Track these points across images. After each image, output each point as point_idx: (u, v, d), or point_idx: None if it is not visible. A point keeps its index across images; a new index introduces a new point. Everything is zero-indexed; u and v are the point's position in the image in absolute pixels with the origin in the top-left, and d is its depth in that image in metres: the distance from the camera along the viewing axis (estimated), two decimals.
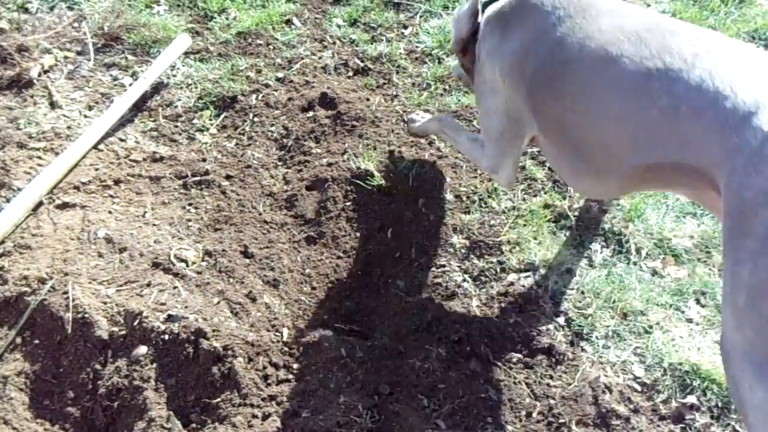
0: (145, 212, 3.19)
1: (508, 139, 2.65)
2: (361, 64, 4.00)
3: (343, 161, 3.40)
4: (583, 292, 2.90)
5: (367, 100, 3.75)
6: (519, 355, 2.69)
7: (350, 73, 3.97)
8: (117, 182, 3.29)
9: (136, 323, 2.64)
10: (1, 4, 4.18)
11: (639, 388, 2.64)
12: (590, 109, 2.18)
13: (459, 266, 3.02)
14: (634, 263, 3.02)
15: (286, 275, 3.04)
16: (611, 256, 3.06)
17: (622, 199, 3.22)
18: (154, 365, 2.58)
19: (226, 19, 4.28)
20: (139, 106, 3.72)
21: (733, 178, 1.78)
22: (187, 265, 2.95)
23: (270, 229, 3.21)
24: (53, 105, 3.64)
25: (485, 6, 2.70)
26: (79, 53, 4.00)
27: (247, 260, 3.05)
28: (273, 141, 3.60)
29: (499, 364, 2.67)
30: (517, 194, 3.28)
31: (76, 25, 4.15)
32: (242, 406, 2.47)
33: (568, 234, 3.13)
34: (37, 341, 2.68)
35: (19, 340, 2.68)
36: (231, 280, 2.94)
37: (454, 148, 3.34)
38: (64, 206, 3.11)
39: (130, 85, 3.77)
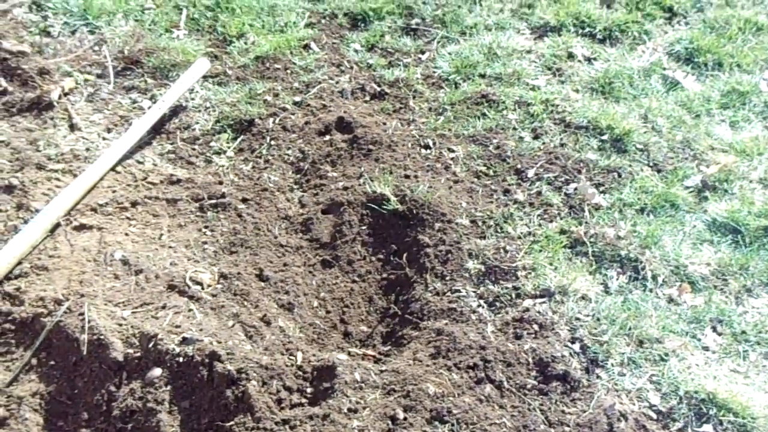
0: (162, 234, 3.21)
1: None
2: (378, 89, 4.03)
3: (359, 185, 3.41)
4: (598, 319, 2.88)
5: (384, 124, 3.77)
6: (534, 382, 2.68)
7: (367, 98, 3.99)
8: (134, 204, 3.31)
9: (151, 345, 2.64)
10: (23, 27, 4.24)
11: (654, 416, 2.61)
12: None
13: (474, 291, 3.01)
14: (650, 290, 3.01)
15: (301, 299, 3.05)
16: (627, 282, 3.04)
17: (639, 226, 3.21)
18: (169, 387, 2.58)
19: (245, 43, 4.32)
20: (157, 129, 3.75)
21: None
22: (203, 288, 2.96)
23: (285, 253, 3.21)
24: (73, 127, 3.68)
25: None
26: (99, 76, 4.04)
27: (262, 283, 3.06)
28: (289, 164, 3.62)
29: (514, 390, 2.65)
30: (533, 220, 3.27)
31: (96, 48, 4.20)
32: (255, 430, 2.47)
33: (584, 260, 3.12)
34: (52, 362, 2.69)
35: (34, 361, 2.69)
36: (246, 303, 2.94)
37: None
38: (81, 228, 3.13)
39: (149, 108, 3.81)
